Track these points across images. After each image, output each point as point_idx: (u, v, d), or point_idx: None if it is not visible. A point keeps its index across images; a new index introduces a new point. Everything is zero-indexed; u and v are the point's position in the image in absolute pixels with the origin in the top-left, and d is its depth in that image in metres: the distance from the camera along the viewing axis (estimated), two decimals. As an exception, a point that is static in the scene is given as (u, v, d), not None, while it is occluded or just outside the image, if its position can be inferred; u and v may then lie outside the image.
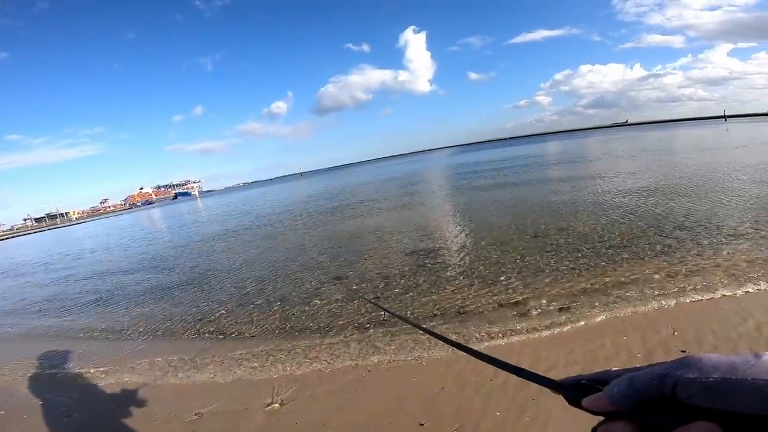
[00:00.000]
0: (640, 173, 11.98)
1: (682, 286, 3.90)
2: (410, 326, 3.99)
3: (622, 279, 4.32)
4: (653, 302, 3.64)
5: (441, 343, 3.53)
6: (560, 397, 0.42)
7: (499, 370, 0.52)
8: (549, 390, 0.43)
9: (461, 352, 0.62)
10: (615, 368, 0.41)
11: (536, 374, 0.45)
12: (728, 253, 4.62)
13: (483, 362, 0.55)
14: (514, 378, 0.50)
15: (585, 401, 0.39)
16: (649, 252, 5.05)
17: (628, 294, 3.92)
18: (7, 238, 62.40)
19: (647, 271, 4.41)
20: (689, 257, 4.67)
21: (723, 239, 5.11)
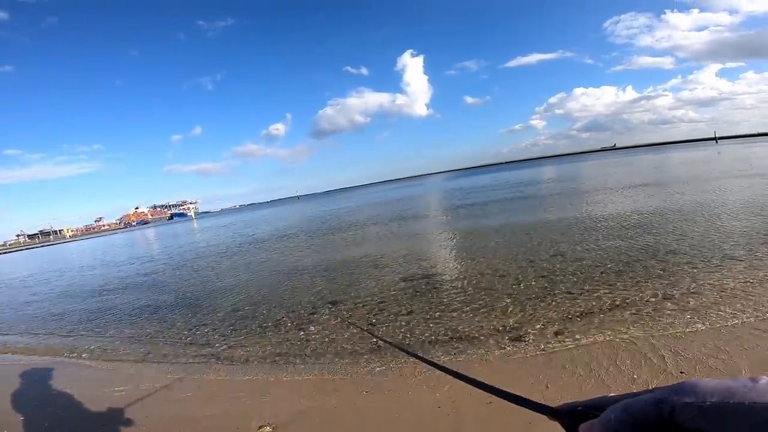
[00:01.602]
0: (634, 199, 12.14)
1: (677, 309, 3.92)
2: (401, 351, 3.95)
3: (617, 302, 4.33)
4: (648, 326, 3.64)
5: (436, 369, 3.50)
6: (557, 423, 0.43)
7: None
8: (546, 416, 0.45)
9: (458, 379, 0.62)
10: (612, 394, 0.41)
11: (533, 401, 0.46)
12: (722, 276, 4.66)
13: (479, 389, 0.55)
14: (509, 403, 0.50)
15: (582, 427, 0.39)
16: (643, 276, 5.08)
17: (624, 317, 3.93)
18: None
19: (642, 295, 4.43)
20: (684, 280, 4.70)
21: (718, 262, 5.16)
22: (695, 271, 5.00)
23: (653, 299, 4.29)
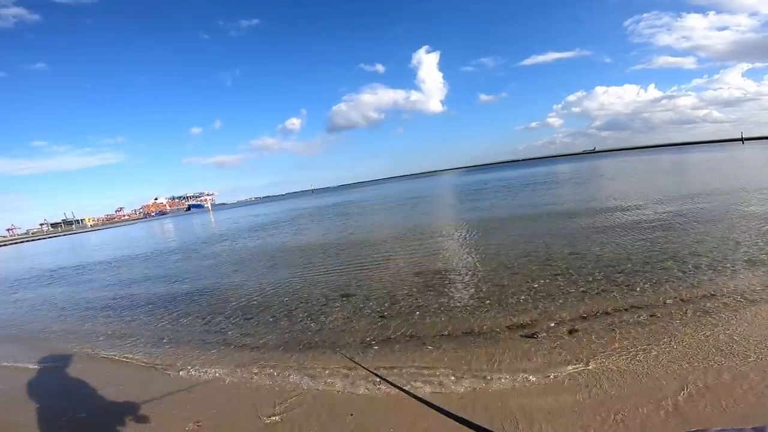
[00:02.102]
0: (654, 200, 11.83)
1: (694, 312, 3.81)
2: (413, 344, 3.94)
3: (634, 304, 4.23)
4: (663, 329, 3.55)
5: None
6: None
7: None
8: None
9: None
10: None
11: None
12: (744, 279, 4.51)
13: None
14: None
15: None
16: (662, 277, 4.95)
17: (640, 319, 3.83)
18: (22, 242, 63.67)
19: (659, 297, 4.32)
20: (703, 283, 4.57)
21: (739, 265, 5.00)
22: (715, 273, 4.85)
23: (670, 301, 4.17)
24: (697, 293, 4.30)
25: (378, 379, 3.20)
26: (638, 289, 4.68)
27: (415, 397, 0.74)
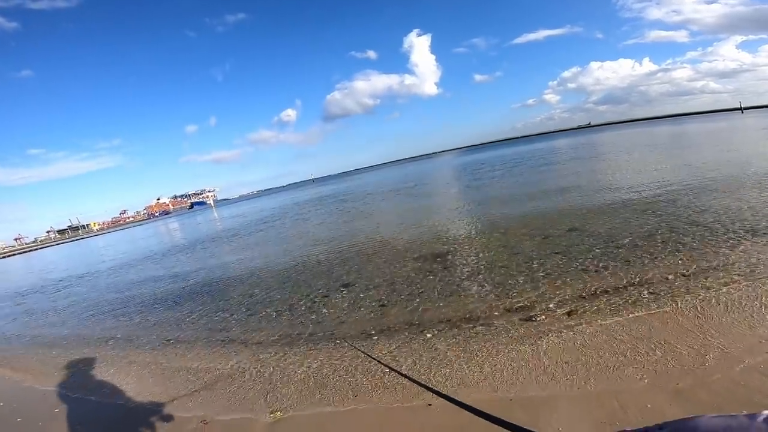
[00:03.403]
0: (653, 171, 11.69)
1: (696, 286, 3.78)
2: (413, 333, 3.97)
3: (635, 280, 4.21)
4: (666, 305, 3.54)
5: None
6: None
7: None
8: None
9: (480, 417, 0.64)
10: (627, 429, 0.44)
11: None
12: (745, 250, 4.46)
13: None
14: None
15: None
16: (662, 251, 4.92)
17: (642, 296, 3.82)
18: (30, 251, 64.37)
19: (659, 272, 4.30)
20: (705, 256, 4.52)
21: (741, 236, 4.95)
22: (716, 245, 4.80)
23: (671, 276, 4.15)
24: (700, 267, 4.26)
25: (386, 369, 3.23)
26: (639, 265, 4.65)
27: (421, 384, 0.76)
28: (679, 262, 4.50)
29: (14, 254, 61.92)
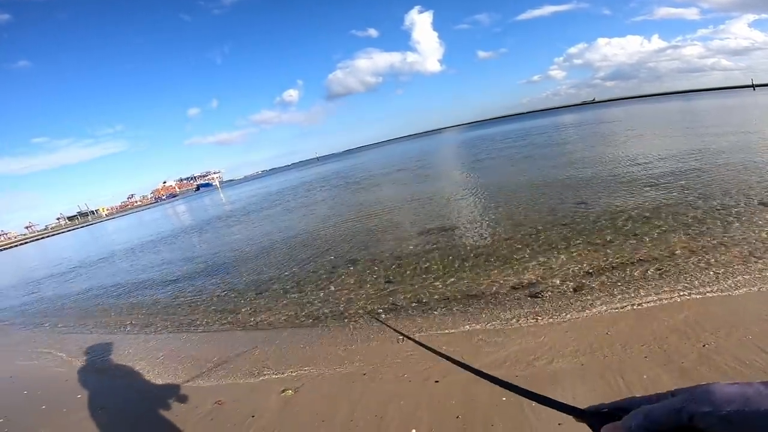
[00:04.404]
0: (663, 146, 11.44)
1: (704, 265, 3.74)
2: (419, 309, 4.01)
3: (642, 257, 4.18)
4: (672, 283, 3.52)
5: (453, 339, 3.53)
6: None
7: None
8: (572, 417, 0.45)
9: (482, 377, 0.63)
10: (638, 395, 0.43)
11: (559, 402, 0.47)
12: (758, 226, 4.39)
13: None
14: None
15: (605, 430, 0.41)
16: (672, 225, 4.86)
17: (648, 273, 3.79)
18: (42, 238, 65.49)
19: (667, 247, 4.26)
20: (714, 231, 4.46)
21: (753, 210, 4.86)
22: (727, 220, 4.71)
23: (678, 252, 4.10)
24: (707, 243, 4.21)
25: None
26: (646, 239, 4.61)
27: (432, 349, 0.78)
28: (686, 237, 4.45)
29: (26, 242, 63.19)
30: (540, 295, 3.75)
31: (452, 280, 4.61)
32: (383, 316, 4.12)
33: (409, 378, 2.88)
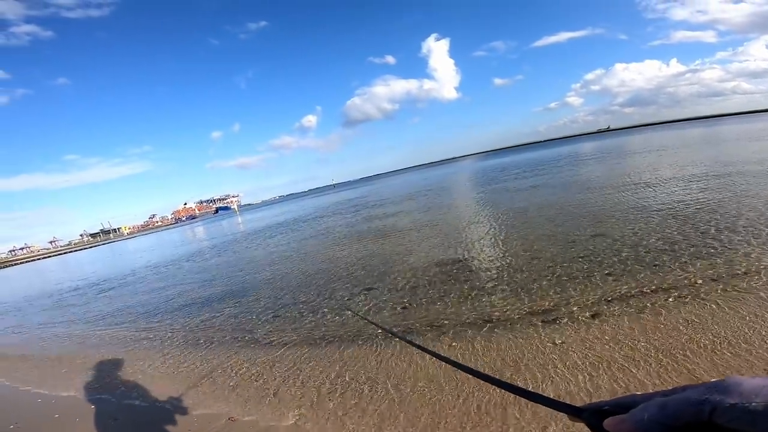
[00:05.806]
0: (682, 174, 11.31)
1: (725, 292, 3.67)
2: (435, 334, 3.99)
3: (663, 285, 4.11)
4: (693, 309, 3.45)
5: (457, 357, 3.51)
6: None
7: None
8: (567, 416, 0.43)
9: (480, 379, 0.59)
10: (639, 392, 0.40)
11: (555, 400, 0.44)
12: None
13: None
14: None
15: (608, 423, 0.38)
16: (691, 256, 4.78)
17: (668, 301, 3.73)
18: (64, 253, 67.36)
19: (689, 276, 4.18)
20: (735, 261, 4.37)
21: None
22: (748, 250, 4.63)
23: (699, 281, 4.03)
24: (729, 271, 4.13)
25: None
26: (666, 268, 4.54)
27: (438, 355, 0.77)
28: (707, 266, 4.37)
29: (48, 257, 65.09)
30: (557, 322, 3.70)
31: (468, 308, 4.59)
32: (395, 340, 4.11)
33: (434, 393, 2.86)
